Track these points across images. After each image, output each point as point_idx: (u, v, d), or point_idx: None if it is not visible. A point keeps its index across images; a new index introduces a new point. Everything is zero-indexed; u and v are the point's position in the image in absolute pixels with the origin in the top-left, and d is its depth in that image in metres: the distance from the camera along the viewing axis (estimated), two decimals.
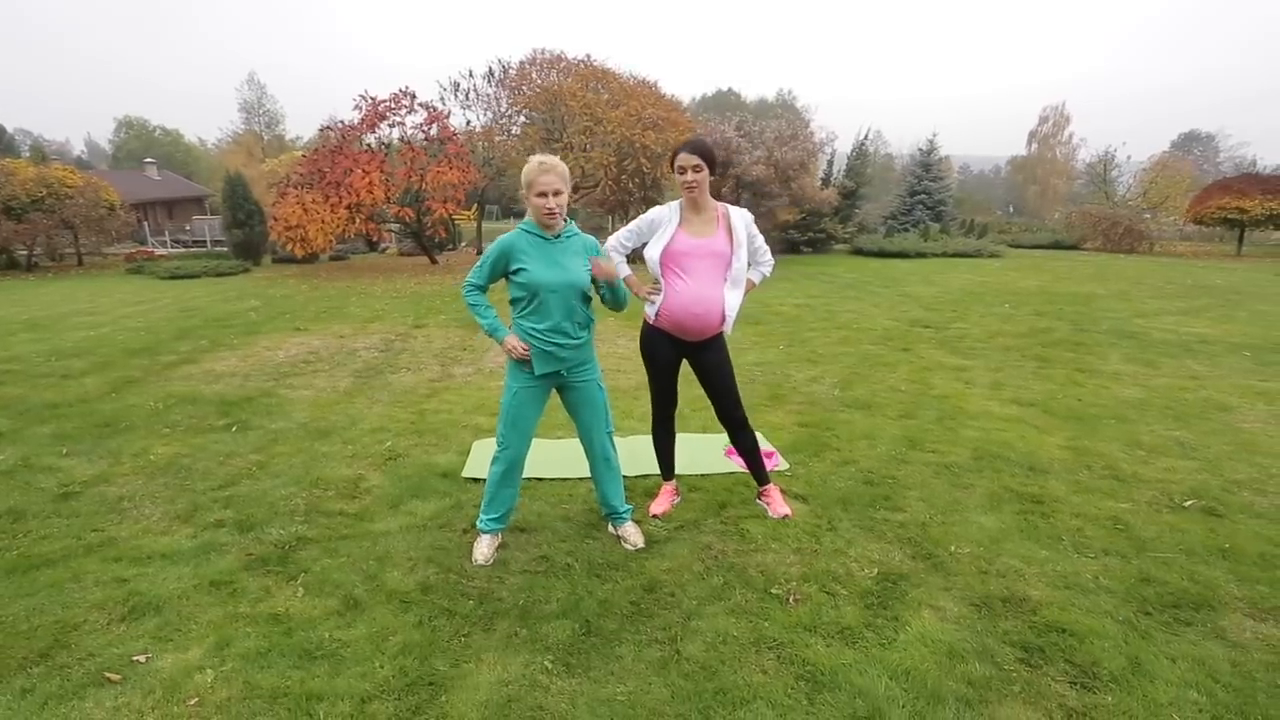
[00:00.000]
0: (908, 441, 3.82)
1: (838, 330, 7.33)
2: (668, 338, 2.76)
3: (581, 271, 2.40)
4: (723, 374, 2.81)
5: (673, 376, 2.90)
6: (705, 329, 2.68)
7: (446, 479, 3.30)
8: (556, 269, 2.36)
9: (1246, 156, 43.59)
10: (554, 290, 2.36)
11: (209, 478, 3.33)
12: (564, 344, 2.43)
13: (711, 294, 2.62)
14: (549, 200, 2.31)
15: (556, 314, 2.39)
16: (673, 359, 2.84)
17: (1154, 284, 12.02)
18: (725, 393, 2.84)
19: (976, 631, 2.11)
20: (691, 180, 2.55)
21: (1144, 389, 4.98)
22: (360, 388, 5.07)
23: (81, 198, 16.69)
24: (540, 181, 2.30)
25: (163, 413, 4.41)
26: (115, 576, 2.39)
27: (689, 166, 2.54)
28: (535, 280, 2.35)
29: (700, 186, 2.57)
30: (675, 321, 2.68)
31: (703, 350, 2.77)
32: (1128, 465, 3.45)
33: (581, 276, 2.39)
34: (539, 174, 2.31)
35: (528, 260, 2.36)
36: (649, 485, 3.22)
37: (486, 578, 2.43)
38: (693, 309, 2.63)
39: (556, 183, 2.31)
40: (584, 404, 2.61)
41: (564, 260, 2.38)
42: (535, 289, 2.36)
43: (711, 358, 2.78)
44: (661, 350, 2.80)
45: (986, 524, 2.82)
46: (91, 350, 6.49)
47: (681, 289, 2.63)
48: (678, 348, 2.80)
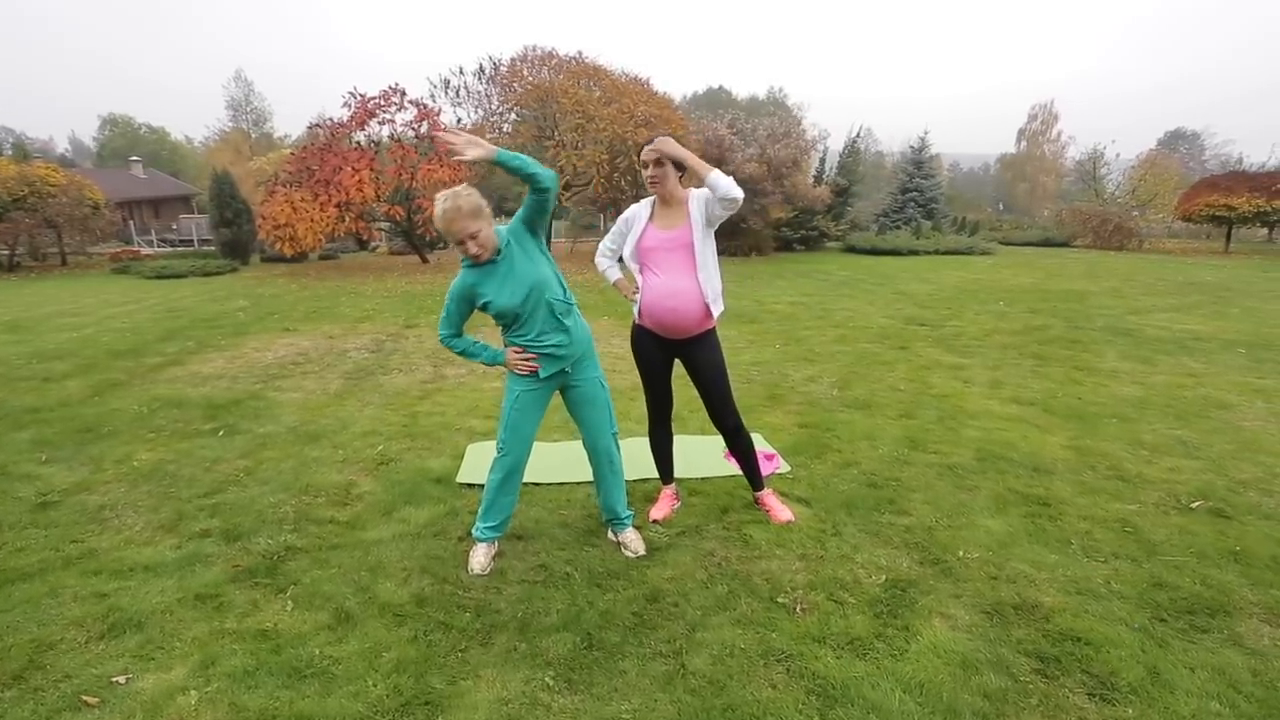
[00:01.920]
0: (909, 442, 3.77)
1: (833, 328, 7.29)
2: (653, 337, 2.71)
3: (533, 271, 2.30)
4: (712, 374, 2.73)
5: (665, 377, 2.83)
6: (684, 323, 2.61)
7: (440, 485, 3.21)
8: (512, 287, 2.28)
9: (1232, 155, 44.02)
10: (522, 304, 2.30)
11: (194, 485, 3.23)
12: (560, 341, 2.37)
13: (683, 285, 2.56)
14: (469, 246, 2.22)
15: (539, 321, 2.34)
16: (662, 358, 2.78)
17: (1145, 281, 12.07)
18: (714, 394, 2.77)
19: (990, 641, 2.05)
20: (652, 175, 2.54)
21: (1143, 387, 4.95)
22: (351, 390, 4.97)
23: (65, 196, 16.42)
24: (451, 233, 2.21)
25: (147, 417, 4.29)
26: (95, 591, 2.29)
27: (649, 161, 2.52)
28: (502, 306, 2.30)
29: (661, 181, 2.54)
30: (654, 318, 2.64)
31: (692, 348, 2.70)
32: (1132, 465, 3.41)
33: (535, 277, 2.30)
34: (445, 227, 2.19)
35: (486, 291, 2.30)
36: (648, 489, 3.15)
37: (484, 588, 2.35)
38: (666, 302, 2.59)
39: (467, 228, 2.18)
40: (587, 403, 2.53)
41: (513, 274, 2.29)
42: (506, 311, 2.31)
43: (701, 356, 2.71)
44: (648, 350, 2.76)
45: (994, 528, 2.76)
46: (74, 352, 6.34)
47: (655, 284, 2.60)
48: (665, 347, 2.74)
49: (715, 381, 2.75)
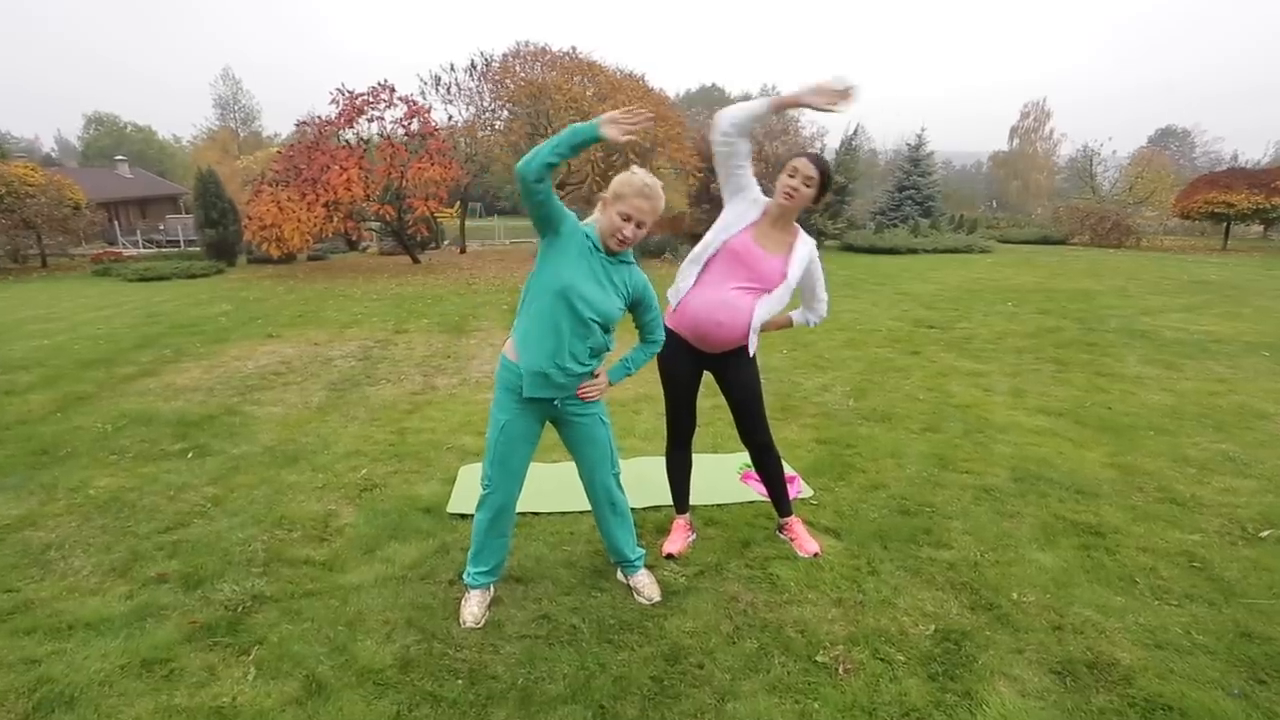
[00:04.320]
0: (938, 460, 3.49)
1: (841, 332, 7.01)
2: (687, 347, 2.41)
3: (611, 301, 2.01)
4: (751, 390, 2.48)
5: (692, 393, 2.54)
6: (729, 337, 2.33)
7: (429, 515, 2.91)
8: (593, 286, 1.98)
9: (1223, 152, 44.12)
10: (579, 303, 1.94)
11: (155, 517, 2.90)
12: (568, 367, 2.04)
13: (742, 304, 2.28)
14: (627, 227, 1.95)
15: (576, 333, 1.99)
16: (694, 371, 2.49)
17: (1150, 279, 11.87)
18: (749, 411, 2.50)
19: (1067, 711, 1.77)
20: (794, 187, 2.24)
21: (1172, 394, 4.70)
22: (335, 403, 4.65)
23: (44, 196, 15.94)
24: (632, 204, 1.93)
25: (111, 436, 3.95)
26: (24, 657, 1.97)
27: (802, 175, 2.23)
28: (569, 282, 1.94)
29: (798, 199, 2.25)
30: (695, 326, 2.34)
31: (727, 362, 2.42)
32: (1183, 486, 3.15)
33: (610, 305, 2.01)
34: (635, 195, 1.93)
35: (566, 258, 1.97)
36: (660, 519, 2.85)
37: (478, 645, 2.05)
38: (716, 314, 2.29)
39: (648, 215, 1.95)
40: (585, 442, 2.22)
41: (605, 281, 2.01)
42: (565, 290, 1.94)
43: (739, 373, 2.44)
44: (680, 360, 2.45)
45: (1046, 563, 2.48)
46: (42, 362, 5.98)
47: (709, 294, 2.30)
48: (699, 360, 2.44)
49: (750, 399, 2.48)
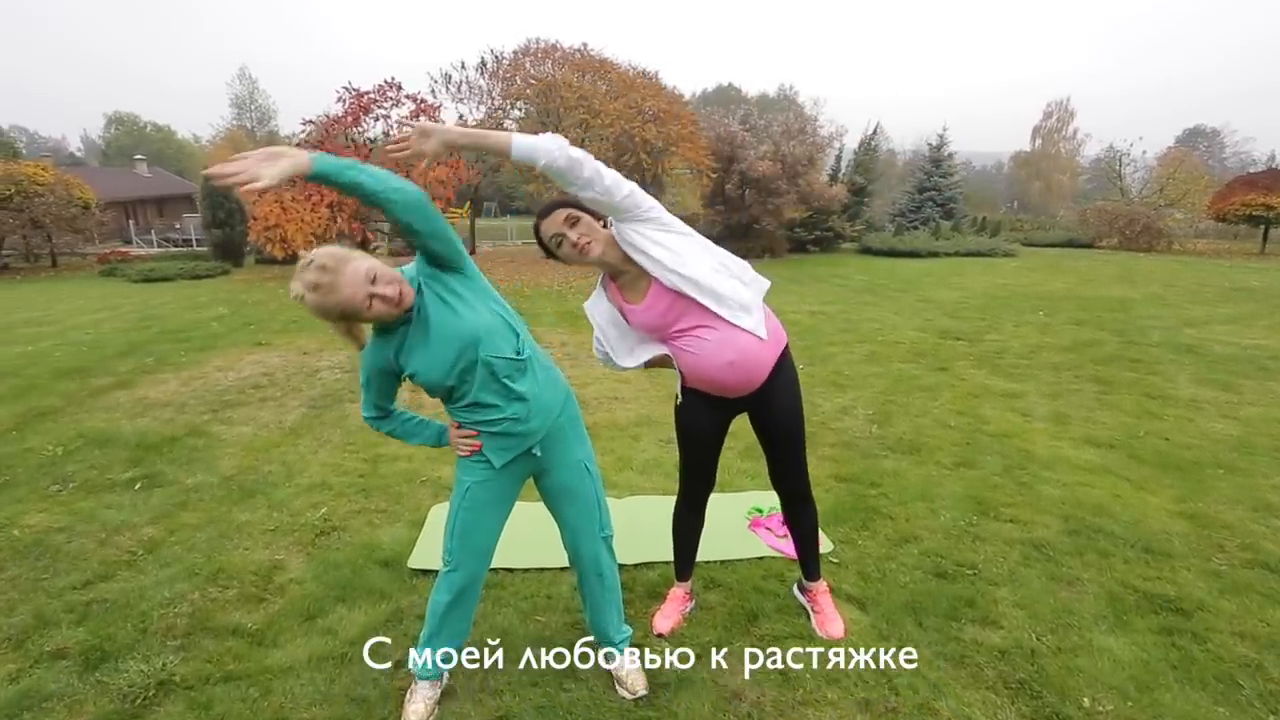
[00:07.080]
0: (976, 504, 3.04)
1: (861, 344, 6.55)
2: (709, 400, 1.97)
3: (457, 324, 1.57)
4: (793, 420, 2.01)
5: (715, 448, 2.10)
6: (755, 370, 1.87)
7: (387, 569, 2.52)
8: (435, 351, 1.57)
9: (1252, 153, 42.70)
10: (450, 372, 1.59)
11: (78, 567, 2.54)
12: (516, 414, 1.64)
13: (727, 333, 1.83)
14: (369, 312, 1.50)
15: (478, 389, 1.62)
16: (721, 423, 2.05)
17: (1187, 286, 11.25)
18: (789, 451, 2.06)
19: None
20: (575, 240, 1.76)
21: (1237, 423, 4.20)
22: (310, 423, 4.29)
23: (52, 195, 15.87)
24: (333, 316, 1.53)
25: (60, 461, 3.62)
26: None
27: (561, 227, 1.76)
28: (430, 380, 1.60)
29: (593, 240, 1.78)
30: (712, 382, 1.90)
31: (763, 397, 1.94)
32: (1272, 545, 2.67)
33: (464, 331, 1.57)
34: (321, 316, 1.52)
35: (406, 361, 1.60)
36: (652, 581, 2.44)
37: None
38: (723, 357, 1.83)
39: (353, 299, 1.47)
40: (566, 497, 1.83)
41: (430, 335, 1.57)
42: (436, 385, 1.62)
43: (776, 404, 1.97)
44: (701, 417, 2.02)
45: (1121, 654, 2.04)
46: (18, 371, 5.70)
47: (694, 349, 1.85)
48: (726, 409, 2.00)
49: (791, 436, 2.03)
